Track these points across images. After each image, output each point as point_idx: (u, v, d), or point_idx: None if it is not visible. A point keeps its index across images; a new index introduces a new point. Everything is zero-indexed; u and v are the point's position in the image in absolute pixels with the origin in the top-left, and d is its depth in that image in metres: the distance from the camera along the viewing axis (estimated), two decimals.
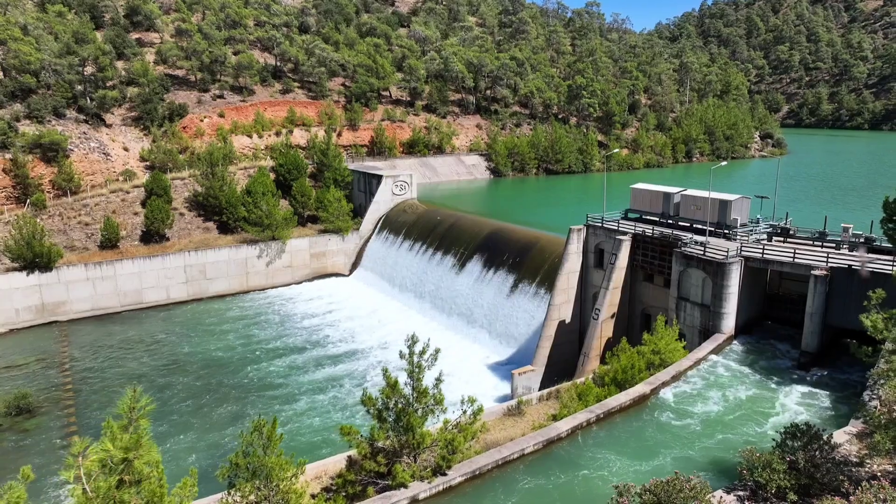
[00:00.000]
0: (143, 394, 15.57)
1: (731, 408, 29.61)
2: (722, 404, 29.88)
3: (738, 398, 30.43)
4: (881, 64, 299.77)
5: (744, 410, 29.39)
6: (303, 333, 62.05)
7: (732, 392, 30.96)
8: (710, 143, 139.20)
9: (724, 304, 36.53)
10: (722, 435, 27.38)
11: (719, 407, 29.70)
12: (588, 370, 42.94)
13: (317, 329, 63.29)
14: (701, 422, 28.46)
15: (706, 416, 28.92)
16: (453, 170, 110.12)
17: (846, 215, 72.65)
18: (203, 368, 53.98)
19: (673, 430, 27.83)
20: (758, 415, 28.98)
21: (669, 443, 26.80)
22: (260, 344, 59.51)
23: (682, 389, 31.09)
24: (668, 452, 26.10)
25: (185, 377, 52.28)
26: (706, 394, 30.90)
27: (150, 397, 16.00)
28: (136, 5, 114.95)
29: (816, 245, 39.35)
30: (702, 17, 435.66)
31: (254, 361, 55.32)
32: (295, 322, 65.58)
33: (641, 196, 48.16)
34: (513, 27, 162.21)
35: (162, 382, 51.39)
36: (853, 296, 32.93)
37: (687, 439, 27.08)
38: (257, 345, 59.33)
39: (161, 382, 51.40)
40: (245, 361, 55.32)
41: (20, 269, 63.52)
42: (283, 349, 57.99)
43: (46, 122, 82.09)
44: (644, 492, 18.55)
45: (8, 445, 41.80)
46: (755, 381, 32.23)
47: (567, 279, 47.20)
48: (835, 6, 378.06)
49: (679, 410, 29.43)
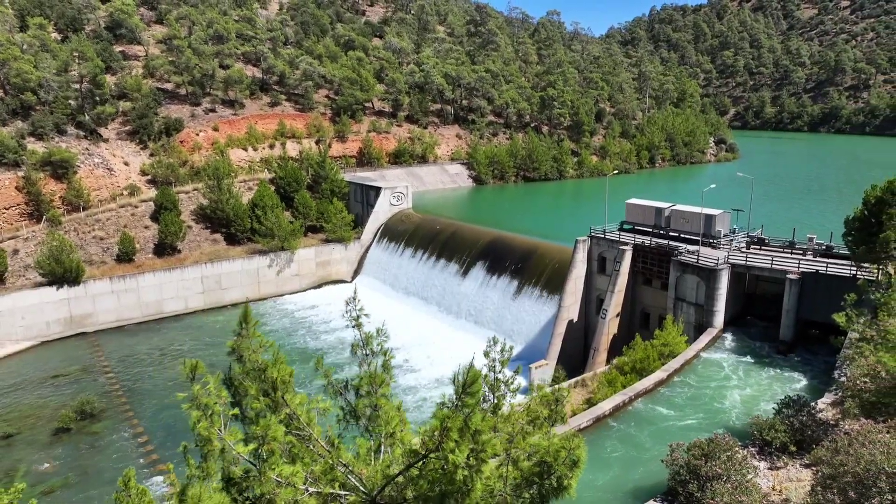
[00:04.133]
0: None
1: (732, 385, 36.94)
2: (725, 383, 37.19)
3: (735, 378, 37.80)
4: (818, 70, 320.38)
5: (743, 386, 36.77)
6: (322, 336, 67.25)
7: (731, 373, 38.35)
8: (670, 149, 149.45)
9: (715, 304, 44.02)
10: (728, 406, 34.60)
11: (722, 385, 36.99)
12: (598, 362, 49.93)
13: (335, 331, 68.47)
14: (711, 398, 35.64)
15: (714, 393, 36.12)
16: (438, 178, 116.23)
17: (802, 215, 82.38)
18: None
19: (690, 405, 34.90)
20: (754, 389, 36.41)
21: (690, 415, 33.84)
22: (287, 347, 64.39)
23: (691, 374, 38.26)
24: (691, 422, 33.11)
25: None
26: (711, 376, 38.16)
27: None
28: (121, 19, 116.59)
29: (787, 252, 47.26)
30: (651, 21, 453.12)
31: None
32: (312, 325, 70.64)
33: (635, 210, 55.45)
34: (483, 38, 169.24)
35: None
36: (819, 295, 40.84)
37: (703, 412, 34.17)
38: (284, 348, 64.27)
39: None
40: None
41: (49, 283, 66.61)
42: (310, 350, 63.09)
43: (49, 139, 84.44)
44: (692, 447, 25.25)
45: (84, 447, 45.97)
46: (747, 364, 39.76)
47: (574, 283, 54.10)
48: (774, 14, 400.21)
49: (692, 390, 36.53)
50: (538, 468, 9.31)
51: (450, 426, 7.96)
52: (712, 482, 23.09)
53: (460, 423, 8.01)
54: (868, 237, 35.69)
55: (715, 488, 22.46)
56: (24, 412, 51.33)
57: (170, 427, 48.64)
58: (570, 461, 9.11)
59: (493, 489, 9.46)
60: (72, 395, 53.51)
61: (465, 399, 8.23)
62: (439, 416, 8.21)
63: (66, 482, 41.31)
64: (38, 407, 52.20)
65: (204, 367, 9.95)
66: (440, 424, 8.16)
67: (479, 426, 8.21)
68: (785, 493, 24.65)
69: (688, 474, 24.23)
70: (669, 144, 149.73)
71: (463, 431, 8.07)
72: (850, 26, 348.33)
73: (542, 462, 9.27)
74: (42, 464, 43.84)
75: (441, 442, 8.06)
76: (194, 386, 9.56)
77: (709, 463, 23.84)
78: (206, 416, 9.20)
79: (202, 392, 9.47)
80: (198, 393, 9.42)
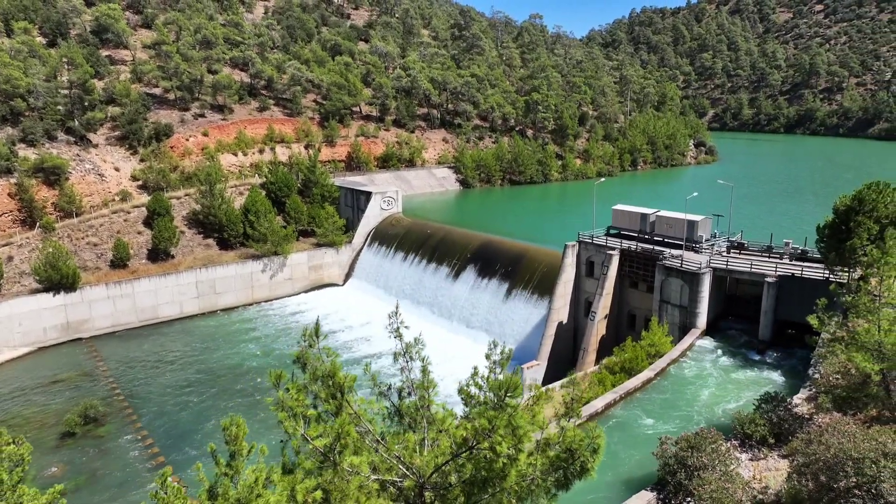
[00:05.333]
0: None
1: (715, 382, 39.33)
2: (708, 380, 39.57)
3: (719, 375, 40.22)
4: (793, 72, 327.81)
5: (725, 383, 39.19)
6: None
7: (714, 371, 40.77)
8: (652, 152, 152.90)
9: (698, 306, 46.48)
10: (712, 402, 36.97)
11: (706, 382, 39.36)
12: (587, 362, 52.20)
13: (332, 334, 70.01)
14: (694, 394, 37.98)
15: (698, 390, 38.46)
16: (426, 182, 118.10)
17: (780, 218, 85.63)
18: (239, 375, 60.08)
19: (676, 402, 37.18)
20: (736, 386, 38.84)
21: (675, 411, 36.11)
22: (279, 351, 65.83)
23: (677, 372, 40.59)
24: (676, 417, 35.38)
25: (224, 383, 58.28)
26: (695, 374, 40.52)
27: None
28: (107, 24, 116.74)
29: (765, 256, 49.91)
30: (632, 24, 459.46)
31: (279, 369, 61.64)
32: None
33: (622, 216, 57.86)
34: (467, 42, 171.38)
35: (204, 389, 57.24)
36: (795, 297, 43.44)
37: (688, 408, 36.48)
38: (280, 351, 65.68)
39: (203, 389, 57.25)
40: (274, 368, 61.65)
41: (46, 290, 67.32)
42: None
43: (41, 145, 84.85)
44: (680, 440, 27.46)
45: (91, 451, 47.12)
46: (729, 362, 42.25)
47: (564, 286, 56.33)
48: (751, 17, 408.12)
49: (678, 388, 38.85)
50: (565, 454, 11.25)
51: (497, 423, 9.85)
52: (699, 472, 25.31)
53: (506, 420, 9.91)
54: (838, 244, 38.29)
55: (702, 477, 24.66)
56: (28, 417, 52.28)
57: (173, 430, 49.96)
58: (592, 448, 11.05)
59: (524, 473, 11.38)
60: (73, 400, 54.50)
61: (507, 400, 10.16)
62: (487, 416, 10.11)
63: (77, 485, 42.47)
64: (42, 412, 53.18)
65: (287, 375, 11.71)
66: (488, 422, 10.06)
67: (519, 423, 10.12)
68: (764, 482, 26.96)
69: (677, 465, 26.42)
70: (651, 147, 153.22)
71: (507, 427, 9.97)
72: (823, 30, 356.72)
73: (568, 449, 11.21)
74: (50, 468, 44.91)
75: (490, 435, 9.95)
76: (279, 391, 11.31)
77: (696, 454, 26.06)
78: (290, 416, 10.93)
79: (286, 396, 11.23)
80: (283, 398, 11.17)
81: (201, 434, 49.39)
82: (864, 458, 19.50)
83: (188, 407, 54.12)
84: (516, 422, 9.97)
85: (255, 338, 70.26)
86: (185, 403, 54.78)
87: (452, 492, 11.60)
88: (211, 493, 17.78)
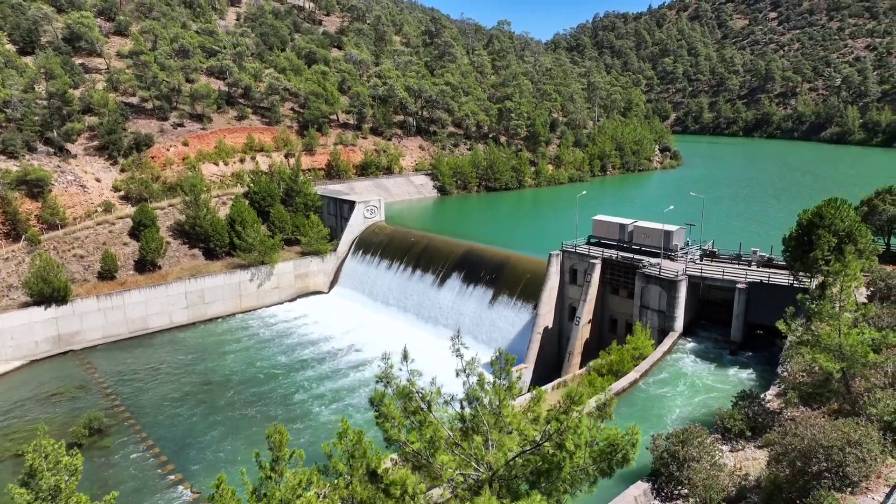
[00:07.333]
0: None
1: (694, 381, 43.06)
2: (688, 380, 43.28)
3: (698, 375, 43.99)
4: (750, 77, 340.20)
5: (703, 382, 42.95)
6: (308, 346, 70.84)
7: (692, 371, 44.55)
8: (620, 157, 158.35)
9: (675, 310, 50.32)
10: (692, 399, 40.63)
11: (686, 382, 43.06)
12: (573, 364, 55.62)
13: (320, 341, 72.12)
14: (677, 392, 41.62)
15: (680, 389, 42.11)
16: (404, 189, 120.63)
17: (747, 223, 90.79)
18: (237, 384, 61.78)
19: (661, 399, 40.74)
20: (713, 384, 42.62)
21: (660, 408, 39.65)
22: (272, 360, 67.68)
23: (659, 373, 44.21)
24: (662, 415, 38.90)
25: (221, 392, 59.94)
26: (676, 374, 44.21)
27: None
28: (80, 32, 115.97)
29: (735, 263, 54.08)
30: (595, 28, 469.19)
31: (274, 377, 63.48)
32: (299, 337, 74.03)
33: (601, 226, 61.53)
34: (439, 49, 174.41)
35: (202, 398, 58.83)
36: (763, 301, 47.62)
37: (672, 405, 40.06)
38: (271, 360, 67.51)
39: (202, 398, 58.84)
40: (268, 376, 63.56)
41: (37, 303, 67.75)
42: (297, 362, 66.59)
43: (22, 157, 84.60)
44: (671, 435, 30.83)
45: (99, 462, 48.42)
46: (705, 362, 46.14)
47: (549, 293, 59.70)
48: (709, 23, 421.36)
49: (661, 386, 42.44)
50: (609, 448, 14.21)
51: (569, 425, 12.73)
52: (689, 463, 28.69)
53: (574, 423, 12.78)
54: (802, 254, 42.45)
55: (692, 468, 28.04)
56: (31, 430, 53.03)
57: (180, 439, 51.55)
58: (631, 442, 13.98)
59: (577, 464, 14.30)
60: (73, 412, 55.58)
61: (572, 407, 13.05)
62: (560, 419, 12.97)
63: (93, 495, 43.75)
64: (44, 425, 53.96)
65: (389, 395, 14.43)
66: (559, 424, 12.94)
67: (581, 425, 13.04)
68: (745, 470, 30.51)
69: (668, 458, 29.75)
70: (619, 153, 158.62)
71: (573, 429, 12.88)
72: (777, 36, 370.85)
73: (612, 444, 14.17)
74: None
75: (561, 434, 12.83)
76: (383, 406, 14.02)
77: (685, 448, 29.44)
78: (393, 426, 13.64)
79: (388, 409, 13.94)
80: (387, 410, 13.87)
81: (206, 442, 51.12)
82: (832, 446, 23.06)
83: (189, 416, 55.66)
84: (581, 424, 12.86)
85: (245, 346, 71.83)
86: (185, 412, 56.29)
87: (517, 483, 14.47)
88: (256, 494, 20.73)
